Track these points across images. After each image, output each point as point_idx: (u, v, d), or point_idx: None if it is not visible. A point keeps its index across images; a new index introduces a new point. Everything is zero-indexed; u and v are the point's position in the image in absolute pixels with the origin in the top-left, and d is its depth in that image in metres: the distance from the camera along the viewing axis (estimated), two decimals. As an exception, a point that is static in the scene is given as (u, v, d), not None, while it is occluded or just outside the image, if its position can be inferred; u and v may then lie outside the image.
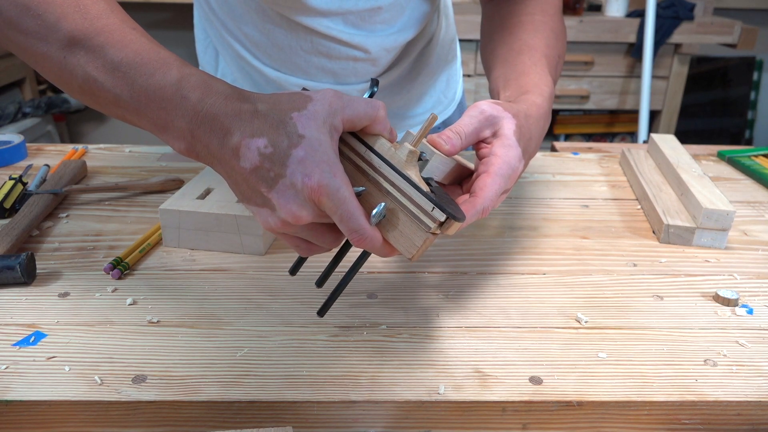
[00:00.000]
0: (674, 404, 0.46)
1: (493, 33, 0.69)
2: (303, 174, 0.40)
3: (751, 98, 2.79)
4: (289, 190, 0.41)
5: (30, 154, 0.90)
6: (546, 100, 0.57)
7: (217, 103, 0.43)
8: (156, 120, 0.45)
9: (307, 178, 0.40)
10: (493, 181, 0.49)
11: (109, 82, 0.45)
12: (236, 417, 0.45)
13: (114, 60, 0.45)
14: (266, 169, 0.41)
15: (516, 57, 0.62)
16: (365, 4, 0.72)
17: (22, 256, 0.57)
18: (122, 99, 0.45)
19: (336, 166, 0.42)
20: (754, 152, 0.94)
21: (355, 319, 0.54)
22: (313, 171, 0.40)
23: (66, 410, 0.45)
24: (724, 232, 0.67)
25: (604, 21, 2.20)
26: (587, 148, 0.99)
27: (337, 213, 0.41)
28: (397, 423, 0.46)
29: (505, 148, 0.50)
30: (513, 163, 0.50)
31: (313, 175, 0.40)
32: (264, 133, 0.41)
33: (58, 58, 0.46)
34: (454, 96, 0.95)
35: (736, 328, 0.54)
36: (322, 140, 0.41)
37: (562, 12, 0.72)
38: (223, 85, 0.44)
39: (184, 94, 0.43)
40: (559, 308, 0.56)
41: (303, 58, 0.77)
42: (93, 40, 0.45)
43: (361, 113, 0.44)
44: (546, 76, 0.60)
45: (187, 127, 0.43)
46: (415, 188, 0.43)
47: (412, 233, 0.44)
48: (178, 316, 0.54)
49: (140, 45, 0.45)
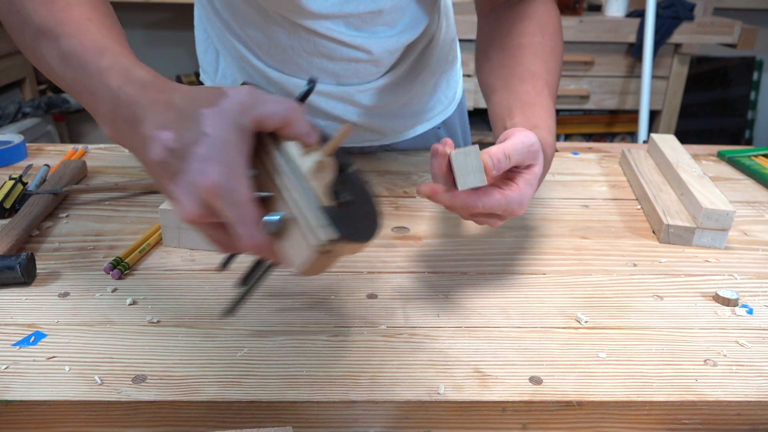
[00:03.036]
0: (674, 404, 0.46)
1: (491, 53, 0.69)
2: (200, 172, 0.39)
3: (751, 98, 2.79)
4: (188, 186, 0.40)
5: (30, 154, 0.90)
6: (554, 138, 0.60)
7: (133, 92, 0.43)
8: (89, 105, 0.47)
9: (202, 177, 0.39)
10: (500, 201, 0.51)
11: (60, 70, 0.48)
12: (236, 417, 0.45)
13: (64, 49, 0.47)
14: (170, 163, 0.41)
15: (519, 84, 0.62)
16: (366, 7, 0.72)
17: (22, 256, 0.57)
18: (69, 86, 0.48)
19: (235, 168, 0.40)
20: (754, 152, 0.94)
21: (355, 319, 0.54)
22: (210, 170, 0.39)
23: (66, 410, 0.45)
24: (724, 232, 0.67)
25: (604, 21, 2.20)
26: (587, 148, 0.99)
27: (228, 216, 0.40)
28: (397, 423, 0.46)
29: (528, 186, 0.53)
30: (525, 201, 0.53)
31: (209, 174, 0.39)
32: (172, 127, 0.41)
33: (32, 48, 0.50)
34: (454, 96, 0.96)
35: (736, 328, 0.54)
36: (226, 139, 0.40)
37: (561, 28, 0.71)
38: (146, 73, 0.45)
39: (106, 81, 0.44)
40: (559, 308, 0.56)
41: (305, 59, 0.77)
42: (53, 31, 0.48)
43: (272, 113, 0.42)
44: (551, 108, 0.61)
45: (110, 114, 0.45)
46: (310, 201, 0.40)
47: (300, 248, 0.41)
48: (178, 316, 0.54)
49: (89, 35, 0.47)
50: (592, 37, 2.20)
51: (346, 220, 0.41)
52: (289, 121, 0.42)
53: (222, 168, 0.39)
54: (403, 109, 0.89)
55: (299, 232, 0.41)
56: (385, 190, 0.80)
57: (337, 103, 0.82)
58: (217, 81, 0.90)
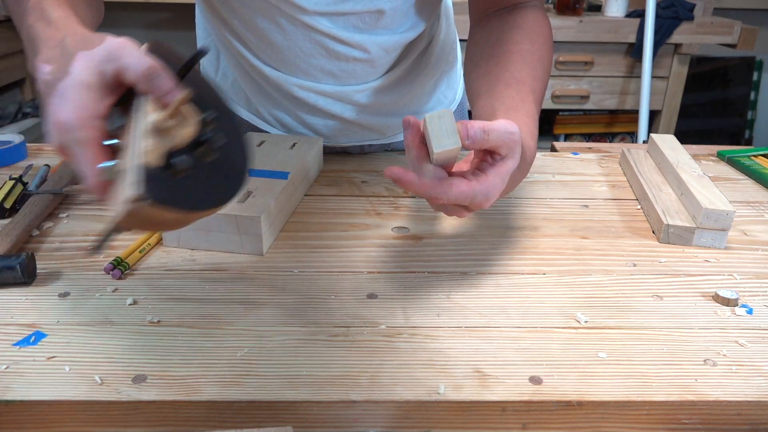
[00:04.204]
0: (674, 404, 0.46)
1: (480, 60, 0.69)
2: (55, 107, 0.43)
3: (751, 98, 2.79)
4: (49, 117, 0.43)
5: (30, 154, 0.90)
6: (536, 143, 0.60)
7: (39, 28, 0.48)
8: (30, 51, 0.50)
9: (55, 113, 0.42)
10: (467, 190, 0.50)
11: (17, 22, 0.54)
12: (236, 417, 0.45)
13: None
14: (45, 93, 0.44)
15: (503, 89, 0.62)
16: (364, 6, 0.72)
17: (22, 256, 0.57)
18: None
19: (84, 109, 0.42)
20: (754, 152, 0.94)
21: (355, 319, 0.54)
22: (61, 107, 0.42)
23: (66, 410, 0.45)
24: (724, 232, 0.67)
25: (604, 21, 2.20)
26: (587, 148, 0.99)
27: (71, 151, 0.42)
28: (397, 423, 0.46)
29: (497, 177, 0.51)
30: (492, 194, 0.51)
31: (60, 111, 0.42)
32: (53, 61, 0.44)
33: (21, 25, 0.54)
34: (454, 97, 0.96)
35: (736, 328, 0.54)
36: (84, 81, 0.42)
37: (552, 38, 0.71)
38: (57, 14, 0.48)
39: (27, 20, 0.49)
40: (559, 308, 0.56)
41: (302, 58, 0.77)
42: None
43: (131, 66, 0.43)
44: (534, 114, 0.61)
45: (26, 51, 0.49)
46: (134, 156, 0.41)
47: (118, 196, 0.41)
48: (178, 316, 0.54)
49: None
50: (592, 37, 2.20)
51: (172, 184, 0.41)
52: (147, 77, 0.43)
53: (71, 107, 0.42)
54: (403, 109, 0.89)
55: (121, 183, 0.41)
56: (385, 190, 0.80)
57: (335, 102, 0.82)
58: (217, 79, 0.90)
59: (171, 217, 0.41)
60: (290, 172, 0.72)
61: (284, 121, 0.87)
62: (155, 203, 0.40)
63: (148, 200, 0.39)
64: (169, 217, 0.41)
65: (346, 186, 0.81)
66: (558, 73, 2.27)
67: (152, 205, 0.40)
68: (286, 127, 0.88)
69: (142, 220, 0.41)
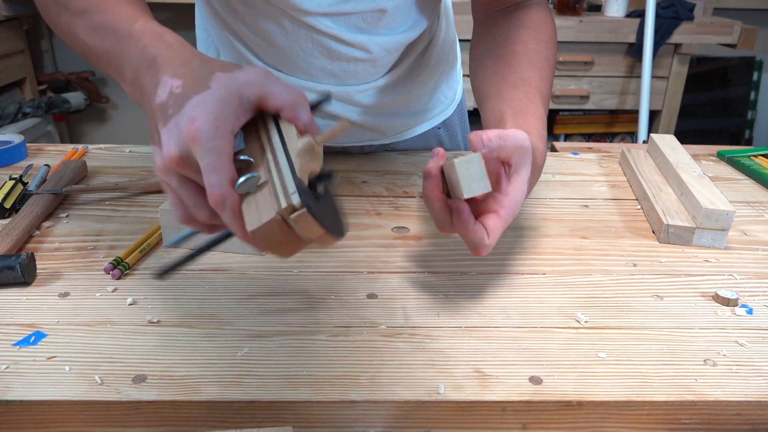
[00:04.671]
0: (674, 404, 0.46)
1: (486, 59, 0.69)
2: (190, 117, 0.42)
3: (751, 98, 2.79)
4: (174, 128, 0.43)
5: (30, 154, 0.90)
6: (546, 145, 0.60)
7: (160, 48, 0.47)
8: (117, 70, 0.51)
9: (190, 122, 0.41)
10: (502, 226, 0.52)
11: (92, 41, 0.53)
12: (236, 417, 0.45)
13: (96, 23, 0.53)
14: (168, 106, 0.44)
15: (511, 91, 0.62)
16: (366, 6, 0.72)
17: (22, 256, 0.57)
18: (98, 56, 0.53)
19: (223, 123, 0.42)
20: (754, 152, 0.94)
21: (355, 319, 0.54)
22: (198, 116, 0.42)
23: (66, 410, 0.45)
24: (724, 232, 0.67)
25: (604, 21, 2.20)
26: (587, 148, 0.99)
27: (203, 161, 0.41)
28: (397, 423, 0.46)
29: (518, 192, 0.53)
30: (517, 209, 0.53)
31: (196, 120, 0.41)
32: (183, 77, 0.44)
33: (67, 28, 0.56)
34: (454, 96, 0.96)
35: (736, 328, 0.54)
36: (224, 98, 0.43)
37: (556, 36, 0.71)
38: (174, 38, 0.49)
39: (137, 41, 0.49)
40: (559, 308, 0.56)
41: (303, 58, 0.77)
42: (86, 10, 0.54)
43: (278, 93, 0.44)
44: (542, 116, 0.61)
45: (134, 72, 0.48)
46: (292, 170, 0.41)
47: (264, 206, 0.41)
48: (178, 316, 0.54)
49: (120, 10, 0.52)
50: (592, 37, 2.20)
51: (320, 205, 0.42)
52: (292, 106, 0.44)
53: (210, 118, 0.41)
54: (403, 109, 0.89)
55: (269, 194, 0.41)
56: (385, 190, 0.80)
57: (336, 103, 0.82)
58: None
59: (314, 234, 0.41)
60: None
61: (284, 121, 0.87)
62: (312, 216, 0.40)
63: (305, 212, 0.39)
64: (312, 234, 0.41)
65: (346, 186, 0.81)
66: (558, 73, 2.27)
67: (307, 217, 0.40)
68: (287, 127, 0.88)
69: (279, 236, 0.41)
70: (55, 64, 2.71)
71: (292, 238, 0.41)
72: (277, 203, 0.40)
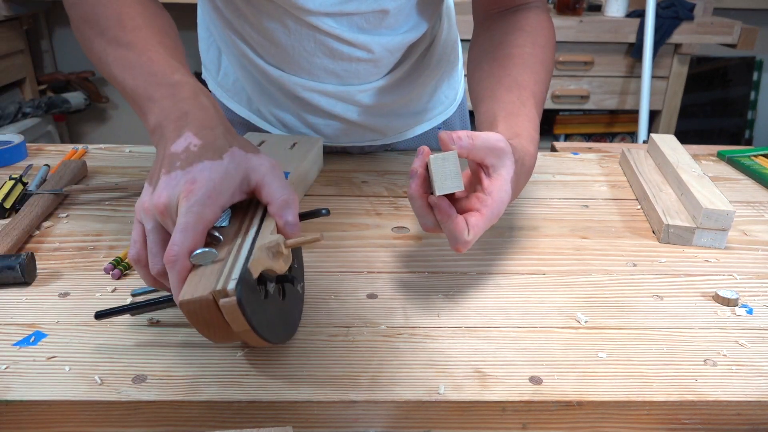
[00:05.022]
0: (674, 404, 0.46)
1: (482, 62, 0.69)
2: (192, 177, 0.46)
3: (751, 98, 2.79)
4: (174, 181, 0.46)
5: (30, 154, 0.90)
6: (536, 148, 0.60)
7: (195, 108, 0.51)
8: (143, 108, 0.54)
9: (191, 181, 0.45)
10: (484, 224, 0.52)
11: (121, 76, 0.56)
12: (236, 417, 0.45)
13: (132, 62, 0.56)
14: (179, 159, 0.47)
15: (505, 94, 0.62)
16: (368, 7, 0.72)
17: (22, 256, 0.57)
18: (125, 90, 0.56)
19: (217, 195, 0.46)
20: (754, 152, 0.94)
21: (355, 319, 0.54)
22: (200, 180, 0.45)
23: (66, 410, 0.45)
24: (724, 232, 0.67)
25: (604, 21, 2.20)
26: (587, 148, 0.99)
27: (181, 218, 0.44)
28: (397, 423, 0.46)
29: (501, 192, 0.53)
30: (501, 209, 0.53)
31: (196, 182, 0.45)
32: (204, 139, 0.48)
33: (99, 55, 0.59)
34: (455, 97, 0.96)
35: (736, 328, 0.54)
36: (230, 173, 0.47)
37: (554, 39, 0.71)
38: (209, 102, 0.53)
39: (176, 92, 0.52)
40: (559, 308, 0.56)
41: (305, 58, 0.77)
42: (125, 46, 0.57)
43: (269, 186, 0.48)
44: (535, 119, 0.62)
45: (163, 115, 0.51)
46: (246, 260, 0.43)
47: (205, 283, 0.42)
48: (178, 316, 0.54)
49: (159, 54, 0.56)
50: (592, 37, 2.20)
51: (257, 302, 0.43)
52: (280, 203, 0.48)
53: (209, 186, 0.45)
54: (404, 109, 0.89)
55: (215, 273, 0.43)
56: (385, 190, 0.80)
57: (337, 102, 0.82)
58: (219, 79, 0.90)
59: (240, 327, 0.42)
60: (290, 172, 0.72)
61: (286, 120, 0.87)
62: (240, 308, 0.41)
63: (235, 301, 0.40)
64: (238, 327, 0.42)
65: (346, 186, 0.81)
66: (558, 73, 2.27)
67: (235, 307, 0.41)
68: (288, 126, 0.88)
69: (207, 315, 0.42)
70: (55, 64, 2.71)
71: (220, 323, 0.42)
72: (216, 284, 0.41)
